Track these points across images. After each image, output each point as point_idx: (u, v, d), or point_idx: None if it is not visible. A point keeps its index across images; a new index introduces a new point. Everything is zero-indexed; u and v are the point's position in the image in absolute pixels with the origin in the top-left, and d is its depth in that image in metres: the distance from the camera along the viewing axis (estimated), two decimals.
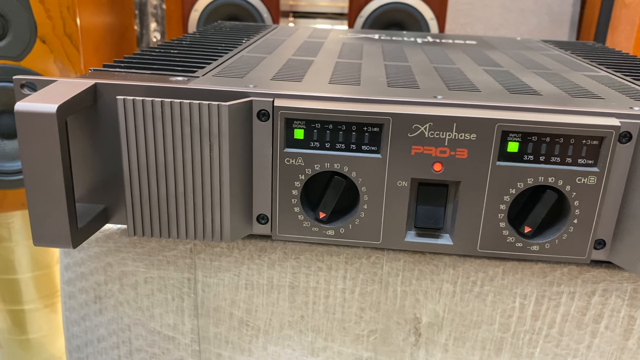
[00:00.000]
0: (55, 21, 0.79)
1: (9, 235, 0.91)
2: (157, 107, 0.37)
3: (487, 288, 0.47)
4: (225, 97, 0.39)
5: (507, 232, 0.40)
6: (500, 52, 0.64)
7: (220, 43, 0.60)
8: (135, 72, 0.44)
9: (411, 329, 0.49)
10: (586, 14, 1.72)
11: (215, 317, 0.51)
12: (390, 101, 0.39)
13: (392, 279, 0.48)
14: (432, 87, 0.43)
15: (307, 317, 0.50)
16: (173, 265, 0.49)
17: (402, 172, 0.39)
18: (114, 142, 0.41)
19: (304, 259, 0.48)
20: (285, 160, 0.40)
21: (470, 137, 0.38)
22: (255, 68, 0.48)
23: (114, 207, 0.43)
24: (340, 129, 0.39)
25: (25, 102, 0.35)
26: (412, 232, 0.42)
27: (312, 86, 0.43)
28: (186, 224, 0.41)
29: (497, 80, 0.48)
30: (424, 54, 0.61)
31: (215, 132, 0.38)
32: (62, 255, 0.51)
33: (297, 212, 0.41)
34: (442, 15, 1.18)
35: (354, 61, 0.54)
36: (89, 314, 0.52)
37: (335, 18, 1.67)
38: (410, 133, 0.38)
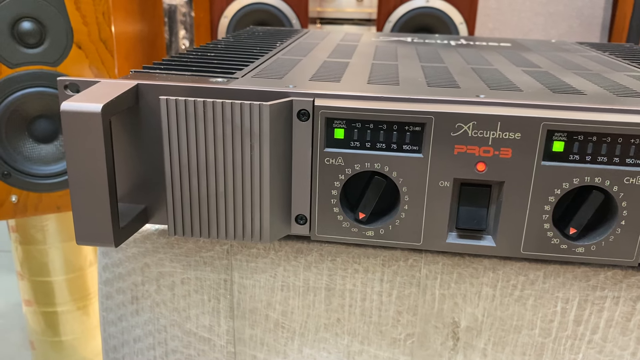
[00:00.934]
0: (91, 27, 0.81)
1: (43, 238, 0.93)
2: (199, 107, 0.38)
3: (528, 292, 0.46)
4: (265, 97, 0.40)
5: (551, 234, 0.39)
6: (537, 54, 0.63)
7: (255, 46, 0.61)
8: (175, 73, 0.44)
9: (449, 333, 0.49)
10: (617, 18, 1.69)
11: (251, 319, 0.51)
12: (432, 100, 0.38)
13: (430, 282, 0.47)
14: (473, 87, 0.43)
15: (343, 319, 0.49)
16: (210, 266, 0.50)
17: (444, 172, 0.38)
18: (155, 143, 0.42)
19: (340, 261, 0.48)
20: (325, 160, 0.39)
21: (515, 136, 0.37)
22: (293, 70, 0.48)
23: (153, 208, 0.43)
24: (381, 128, 0.38)
25: (70, 102, 0.36)
26: (454, 234, 0.41)
27: (351, 86, 0.42)
28: (226, 224, 0.41)
29: (538, 80, 0.47)
30: (459, 55, 0.60)
31: (256, 132, 0.38)
32: (100, 256, 0.52)
33: (336, 213, 0.41)
34: (471, 19, 1.17)
35: (390, 62, 0.54)
36: (126, 314, 0.52)
37: (362, 24, 1.67)
38: (453, 132, 0.37)
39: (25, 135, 0.84)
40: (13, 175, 0.82)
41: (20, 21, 0.77)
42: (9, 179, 0.83)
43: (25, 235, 0.92)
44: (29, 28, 0.78)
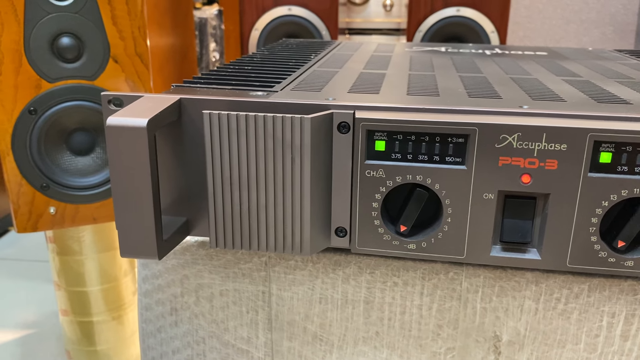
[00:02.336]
0: (127, 41, 0.82)
1: (79, 248, 0.94)
2: (241, 120, 0.38)
3: (572, 305, 0.45)
4: (306, 110, 0.40)
5: (598, 247, 0.39)
6: (575, 63, 0.62)
7: (290, 59, 0.61)
8: (215, 87, 0.45)
9: (490, 347, 0.48)
10: None
11: (289, 331, 0.51)
12: (475, 111, 0.38)
13: (472, 295, 0.46)
14: (514, 98, 0.42)
15: (382, 333, 0.49)
16: (248, 278, 0.50)
17: (488, 184, 0.38)
18: (196, 156, 0.42)
19: (379, 273, 0.47)
20: (366, 172, 0.39)
21: (561, 147, 0.36)
22: (330, 82, 0.48)
23: (194, 220, 0.44)
24: (423, 140, 0.38)
25: (116, 117, 0.36)
26: (498, 247, 0.40)
27: (390, 98, 0.42)
28: (267, 236, 0.41)
29: (581, 90, 0.46)
30: (496, 65, 0.59)
31: (298, 145, 0.38)
32: (140, 268, 0.52)
33: (377, 225, 0.41)
34: (503, 28, 1.16)
35: (427, 73, 0.54)
36: (165, 325, 0.53)
37: (390, 34, 1.67)
38: (497, 144, 0.37)
39: (63, 148, 0.85)
40: (51, 188, 0.84)
41: (60, 37, 0.79)
42: (47, 191, 0.84)
43: (62, 246, 0.94)
44: (67, 43, 0.79)
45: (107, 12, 0.80)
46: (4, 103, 0.79)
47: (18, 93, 0.79)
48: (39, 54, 0.79)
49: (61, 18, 0.79)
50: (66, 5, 0.78)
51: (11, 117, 0.80)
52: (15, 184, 0.83)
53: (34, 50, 0.78)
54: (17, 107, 0.80)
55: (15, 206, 0.84)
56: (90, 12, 0.79)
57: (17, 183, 0.83)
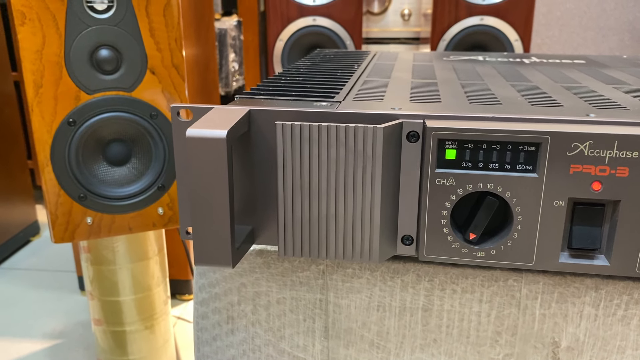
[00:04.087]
0: (164, 53, 0.83)
1: (113, 258, 0.95)
2: (314, 130, 0.38)
3: (632, 311, 0.46)
4: (374, 120, 0.40)
5: None
6: (617, 70, 0.63)
7: (336, 70, 0.62)
8: (279, 98, 0.46)
9: (549, 353, 0.48)
10: None
11: (346, 339, 0.51)
12: (546, 120, 0.38)
13: (531, 301, 0.47)
14: (577, 106, 0.43)
15: (440, 340, 0.49)
16: (305, 286, 0.50)
17: (559, 192, 0.38)
18: (263, 166, 0.43)
19: (437, 281, 0.48)
20: (436, 180, 0.40)
21: (632, 155, 0.37)
22: (387, 92, 0.49)
23: (260, 228, 0.44)
24: (494, 148, 0.39)
25: (195, 128, 0.37)
26: (566, 254, 0.41)
27: (454, 107, 0.43)
28: (335, 245, 0.41)
29: (638, 98, 0.47)
30: (541, 74, 0.60)
31: (369, 154, 0.39)
32: (197, 277, 0.53)
33: (446, 233, 0.41)
34: (527, 36, 1.17)
35: (478, 82, 0.54)
36: (221, 334, 0.53)
37: (409, 43, 1.68)
38: (569, 152, 0.37)
39: (100, 159, 0.86)
40: (88, 198, 0.85)
41: (99, 49, 0.80)
42: (84, 201, 0.85)
43: (97, 255, 0.95)
44: (106, 55, 0.81)
45: (145, 24, 0.81)
46: (44, 115, 0.80)
47: (58, 105, 0.80)
48: (79, 66, 0.80)
49: (100, 30, 0.80)
50: (106, 18, 0.79)
51: (51, 128, 0.81)
52: (53, 194, 0.84)
53: (74, 62, 0.80)
54: (56, 118, 0.81)
55: (53, 217, 0.85)
56: (128, 25, 0.80)
57: (55, 194, 0.84)
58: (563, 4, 1.61)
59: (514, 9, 1.15)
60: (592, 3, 1.59)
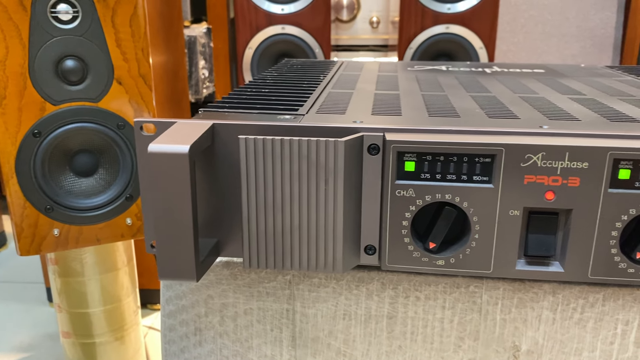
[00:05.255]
0: (131, 63, 0.83)
1: (81, 269, 0.94)
2: (277, 144, 0.39)
3: (588, 314, 0.47)
4: (336, 133, 0.41)
5: (619, 259, 0.41)
6: (574, 80, 0.65)
7: (302, 80, 0.63)
8: (243, 112, 0.46)
9: (510, 357, 0.49)
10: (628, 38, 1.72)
11: (313, 348, 0.52)
12: (501, 132, 0.40)
13: (492, 307, 0.48)
14: (532, 117, 0.44)
15: (405, 347, 0.50)
16: (272, 296, 0.51)
17: (514, 202, 0.40)
18: (228, 179, 0.43)
19: (401, 289, 0.49)
20: (397, 192, 0.41)
21: (583, 165, 0.38)
22: (350, 104, 0.50)
23: (225, 241, 0.45)
24: (451, 160, 0.40)
25: (157, 143, 0.37)
26: (522, 261, 0.42)
27: (414, 120, 0.44)
28: (300, 256, 0.42)
29: (590, 109, 0.48)
30: (501, 84, 0.62)
31: (332, 167, 0.39)
32: (163, 289, 0.53)
33: (407, 243, 0.42)
34: (491, 44, 1.20)
35: (439, 93, 0.56)
36: (189, 346, 0.53)
37: (377, 50, 1.70)
38: (523, 163, 0.39)
39: (66, 170, 0.85)
40: (55, 210, 0.84)
41: (64, 60, 0.80)
42: (51, 213, 0.84)
43: (65, 267, 0.94)
44: (72, 66, 0.80)
45: (111, 34, 0.81)
46: (8, 126, 0.79)
47: (22, 116, 0.80)
48: (44, 76, 0.79)
49: (65, 41, 0.79)
50: (71, 28, 0.79)
51: (15, 140, 0.80)
52: (18, 206, 0.83)
53: (39, 73, 0.79)
54: (21, 129, 0.80)
55: (19, 229, 0.84)
56: (94, 35, 0.80)
57: (20, 206, 0.83)
58: (527, 11, 1.65)
59: (478, 17, 1.18)
60: (554, 11, 1.64)
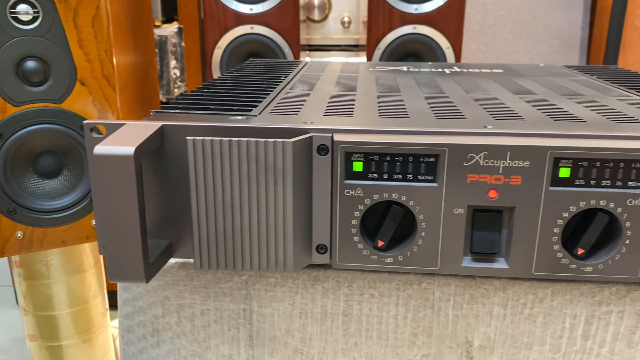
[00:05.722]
0: (94, 64, 0.82)
1: (47, 272, 0.93)
2: (224, 146, 0.39)
3: (537, 309, 0.48)
4: (286, 134, 0.42)
5: (561, 255, 0.42)
6: (529, 80, 0.67)
7: (262, 81, 0.63)
8: (195, 113, 0.46)
9: (463, 353, 0.50)
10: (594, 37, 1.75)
11: (270, 347, 0.52)
12: (445, 132, 0.41)
13: (444, 303, 0.49)
14: (479, 117, 0.45)
15: (361, 344, 0.51)
16: (229, 296, 0.51)
17: (458, 200, 0.41)
18: (178, 180, 0.43)
19: (356, 286, 0.49)
20: (345, 191, 0.41)
21: (524, 164, 0.39)
22: (305, 105, 0.51)
23: (177, 242, 0.45)
24: (397, 160, 0.41)
25: (103, 145, 0.37)
26: (469, 258, 0.43)
27: (364, 120, 0.45)
28: (250, 256, 0.42)
29: (538, 108, 0.50)
30: (457, 84, 0.63)
31: (280, 168, 0.40)
32: (120, 291, 0.53)
33: (356, 242, 0.43)
34: (458, 44, 1.21)
35: (394, 94, 0.56)
36: (147, 347, 0.53)
37: (349, 50, 1.70)
38: (465, 162, 0.40)
39: (29, 172, 0.85)
40: (18, 212, 0.83)
41: (25, 60, 0.79)
42: (14, 215, 0.83)
43: (30, 270, 0.93)
44: (33, 67, 0.79)
45: (73, 35, 0.80)
46: None
47: None
48: (4, 78, 0.78)
49: (26, 42, 0.78)
50: (31, 28, 0.78)
51: None
52: None
53: None
54: None
55: None
56: (56, 36, 0.79)
57: None
58: (496, 11, 1.67)
59: (444, 18, 1.19)
60: (522, 11, 1.66)
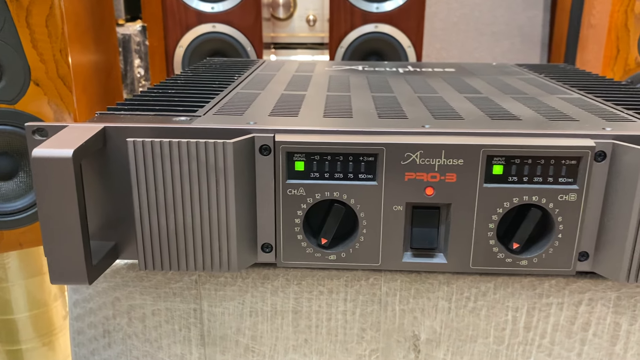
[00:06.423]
0: (49, 64, 0.81)
1: (5, 275, 0.92)
2: (165, 147, 0.40)
3: (481, 303, 0.50)
4: (228, 135, 0.42)
5: (497, 249, 0.43)
6: (479, 79, 0.68)
7: (214, 81, 0.63)
8: (139, 114, 0.46)
9: (410, 346, 0.52)
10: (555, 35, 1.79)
11: (222, 345, 0.53)
12: (383, 132, 0.42)
13: (391, 298, 0.50)
14: (419, 117, 0.46)
15: (311, 340, 0.52)
16: (179, 296, 0.51)
17: (397, 197, 0.42)
18: (123, 182, 0.43)
19: (305, 284, 0.50)
20: (288, 191, 0.42)
21: (458, 162, 0.41)
22: (252, 105, 0.51)
23: (123, 243, 0.45)
24: (337, 159, 0.41)
25: (41, 148, 0.37)
26: (409, 253, 0.44)
27: (308, 120, 0.45)
28: (195, 256, 0.43)
29: (479, 107, 0.51)
30: (407, 84, 0.64)
31: (221, 168, 0.40)
32: (70, 292, 0.53)
33: (300, 240, 0.43)
34: (419, 43, 1.23)
35: (344, 94, 0.57)
36: (98, 348, 0.53)
37: (315, 48, 1.71)
38: (403, 161, 0.41)
39: None
40: None
41: None
42: None
43: None
44: None
45: (26, 35, 0.79)
46: None
47: None
48: None
49: None
50: None
51: None
52: None
53: None
54: None
55: None
56: (8, 36, 0.78)
57: None
58: (459, 9, 1.70)
59: (405, 16, 1.21)
60: (484, 9, 1.69)
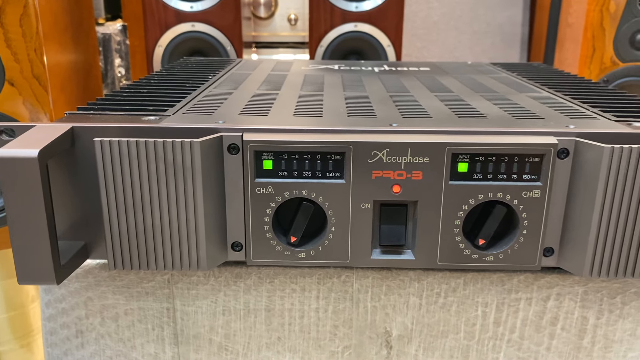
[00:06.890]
0: (23, 64, 0.81)
1: None
2: (132, 146, 0.40)
3: (451, 299, 0.51)
4: (196, 134, 0.42)
5: (463, 245, 0.44)
6: (452, 78, 0.69)
7: (188, 80, 0.63)
8: (108, 113, 0.46)
9: (383, 342, 0.52)
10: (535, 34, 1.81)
11: (195, 344, 0.53)
12: (350, 131, 0.42)
13: (362, 295, 0.51)
14: (388, 116, 0.47)
15: (284, 338, 0.52)
16: (152, 296, 0.51)
17: (364, 195, 0.42)
18: (92, 181, 0.43)
19: (278, 282, 0.50)
20: (256, 189, 0.42)
21: (424, 160, 0.41)
22: (223, 104, 0.51)
23: (93, 243, 0.45)
24: (305, 158, 0.42)
25: (6, 148, 0.37)
26: (378, 250, 0.45)
27: (278, 119, 0.46)
28: (164, 256, 0.43)
29: (447, 106, 0.52)
30: (381, 82, 0.65)
31: (189, 167, 0.40)
32: (42, 293, 0.52)
33: (269, 238, 0.44)
34: (398, 42, 1.23)
35: (316, 93, 0.58)
36: (71, 348, 0.53)
37: (296, 47, 1.71)
38: (369, 159, 0.41)
39: None
40: None
41: None
42: None
43: None
44: None
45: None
46: None
47: None
48: None
49: None
50: None
51: None
52: None
53: None
54: None
55: None
56: None
57: None
58: (439, 8, 1.71)
59: (384, 16, 1.21)
60: (465, 8, 1.70)
